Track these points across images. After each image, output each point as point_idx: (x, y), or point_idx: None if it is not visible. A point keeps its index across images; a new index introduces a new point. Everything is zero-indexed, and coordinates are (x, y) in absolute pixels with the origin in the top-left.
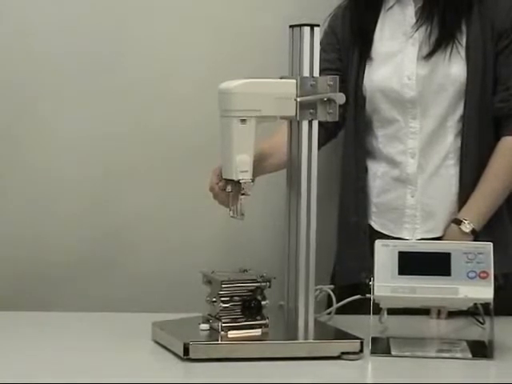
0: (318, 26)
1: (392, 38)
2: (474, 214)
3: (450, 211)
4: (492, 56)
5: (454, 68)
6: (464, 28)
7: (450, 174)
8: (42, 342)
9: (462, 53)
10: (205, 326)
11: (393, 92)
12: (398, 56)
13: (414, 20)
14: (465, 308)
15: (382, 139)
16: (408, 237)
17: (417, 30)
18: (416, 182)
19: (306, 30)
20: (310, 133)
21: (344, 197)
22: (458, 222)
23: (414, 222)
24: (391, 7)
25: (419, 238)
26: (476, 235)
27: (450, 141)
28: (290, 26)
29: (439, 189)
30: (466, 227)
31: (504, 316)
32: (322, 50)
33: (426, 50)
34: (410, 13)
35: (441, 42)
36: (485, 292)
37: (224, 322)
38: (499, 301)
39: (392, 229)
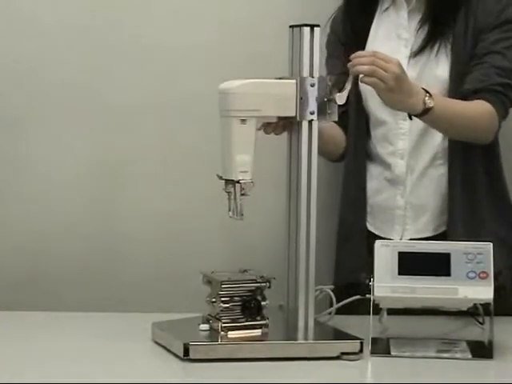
0: (318, 26)
1: (386, 39)
2: (441, 99)
3: (439, 211)
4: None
5: (440, 68)
6: (451, 28)
7: (440, 173)
8: (41, 341)
9: (448, 52)
10: (205, 327)
11: None
12: None
13: (407, 22)
14: (464, 308)
15: (374, 140)
16: (397, 238)
17: (416, 32)
18: (405, 182)
19: (306, 30)
20: (310, 133)
21: (345, 196)
22: (428, 93)
23: (404, 222)
24: (387, 9)
25: (408, 238)
26: (425, 113)
27: (438, 141)
28: (290, 26)
29: (428, 189)
30: (430, 102)
31: (504, 316)
32: (329, 63)
33: (415, 51)
34: (403, 14)
35: (428, 42)
36: (485, 292)
37: (224, 323)
38: (499, 301)
39: (383, 230)
